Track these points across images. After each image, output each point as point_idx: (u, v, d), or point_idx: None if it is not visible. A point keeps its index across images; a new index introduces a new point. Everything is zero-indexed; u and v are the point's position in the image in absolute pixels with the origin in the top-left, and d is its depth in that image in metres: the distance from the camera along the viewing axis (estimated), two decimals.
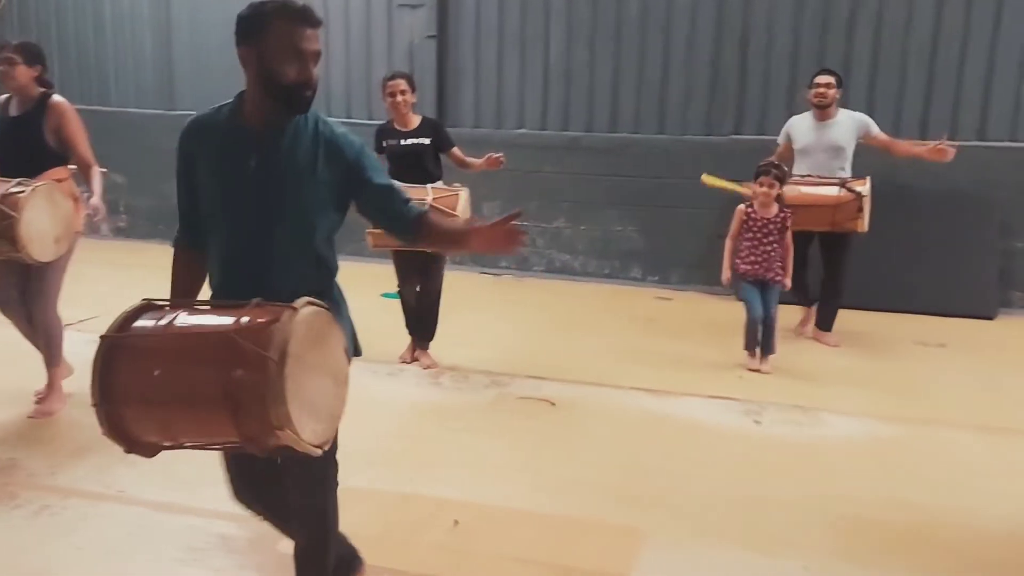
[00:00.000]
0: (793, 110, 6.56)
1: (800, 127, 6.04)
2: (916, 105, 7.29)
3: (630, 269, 8.05)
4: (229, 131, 2.38)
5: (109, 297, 3.74)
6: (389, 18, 8.41)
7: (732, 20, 7.57)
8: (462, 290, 7.50)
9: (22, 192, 3.97)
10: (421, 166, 5.17)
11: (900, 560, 3.22)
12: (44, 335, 4.37)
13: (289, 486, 2.51)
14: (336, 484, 2.58)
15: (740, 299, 5.58)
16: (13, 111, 4.27)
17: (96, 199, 4.29)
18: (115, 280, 6.89)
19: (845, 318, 6.16)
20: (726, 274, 5.48)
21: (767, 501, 3.64)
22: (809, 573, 3.11)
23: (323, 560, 2.59)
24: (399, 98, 5.13)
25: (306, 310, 2.16)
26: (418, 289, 5.39)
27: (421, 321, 5.45)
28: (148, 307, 2.28)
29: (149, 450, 2.21)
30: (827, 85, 5.90)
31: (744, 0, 7.51)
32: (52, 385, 4.43)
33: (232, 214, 2.38)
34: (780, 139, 6.20)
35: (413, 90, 5.24)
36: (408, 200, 2.53)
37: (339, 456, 2.55)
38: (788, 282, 5.43)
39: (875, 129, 5.97)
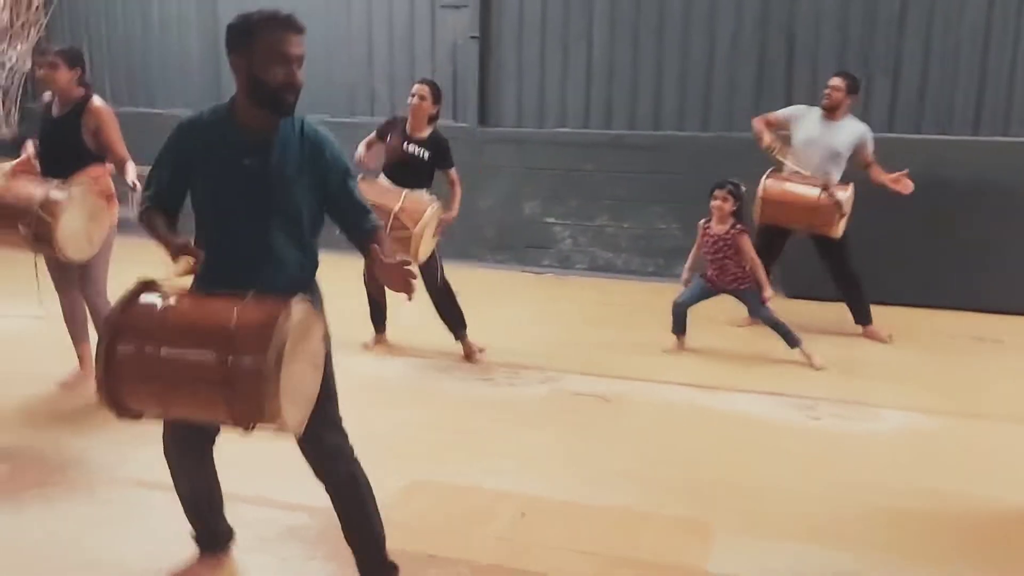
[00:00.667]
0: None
1: (808, 119, 6.05)
2: (969, 100, 7.19)
3: (674, 267, 7.96)
4: (223, 133, 2.53)
5: None
6: (432, 19, 8.45)
7: (778, 14, 7.51)
8: (505, 288, 7.56)
9: (61, 198, 4.18)
10: (412, 173, 5.22)
11: (952, 552, 3.21)
12: (95, 315, 4.51)
13: (313, 464, 2.69)
14: (352, 451, 2.72)
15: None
16: (55, 112, 4.49)
17: (138, 195, 4.43)
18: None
19: (891, 315, 6.13)
20: (685, 275, 5.68)
21: (827, 495, 3.63)
22: (860, 564, 3.10)
23: (370, 525, 2.74)
24: (415, 100, 5.20)
25: (299, 309, 2.33)
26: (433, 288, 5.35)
27: (442, 317, 5.39)
28: (148, 287, 2.46)
29: (136, 416, 2.44)
30: (835, 87, 5.93)
31: None
32: (82, 361, 4.63)
33: (226, 212, 2.55)
34: (781, 114, 6.20)
35: (436, 101, 5.29)
36: (369, 211, 2.68)
37: (404, 450, 2.64)
38: (767, 293, 5.42)
39: (869, 147, 5.99)
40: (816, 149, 5.92)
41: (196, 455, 2.78)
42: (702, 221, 5.63)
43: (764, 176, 5.94)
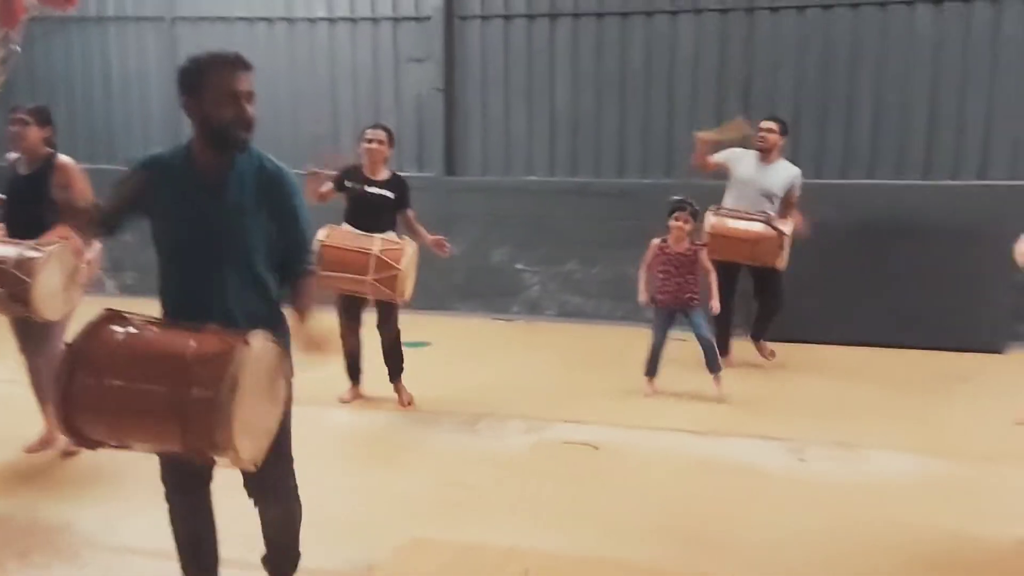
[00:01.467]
0: (796, 155, 6.84)
1: (744, 161, 6.43)
2: (919, 145, 7.49)
3: (644, 311, 8.10)
4: (183, 172, 2.62)
5: None
6: (396, 72, 8.56)
7: (734, 68, 7.78)
8: (476, 336, 7.57)
9: (37, 257, 4.15)
10: (378, 216, 5.30)
11: None
12: (49, 382, 4.40)
13: (256, 496, 2.79)
14: (295, 488, 2.87)
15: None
16: (22, 170, 4.45)
17: (92, 253, 4.54)
18: None
19: (858, 355, 6.28)
20: (642, 297, 5.82)
21: (828, 542, 3.67)
22: None
23: (292, 553, 2.95)
24: (374, 145, 5.29)
25: (257, 344, 2.39)
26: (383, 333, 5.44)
27: (389, 360, 5.49)
28: (113, 317, 2.51)
29: (94, 445, 2.49)
30: (768, 130, 6.35)
31: (745, 48, 7.73)
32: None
33: (186, 249, 2.62)
34: (721, 156, 6.52)
35: (391, 145, 5.40)
36: (308, 252, 2.80)
37: (400, 507, 2.66)
38: (715, 304, 5.71)
39: (797, 193, 6.37)
40: (752, 190, 6.30)
41: (185, 495, 2.80)
42: (656, 240, 5.84)
43: (709, 213, 6.24)
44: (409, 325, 5.54)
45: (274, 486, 2.77)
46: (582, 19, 8.09)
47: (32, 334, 4.41)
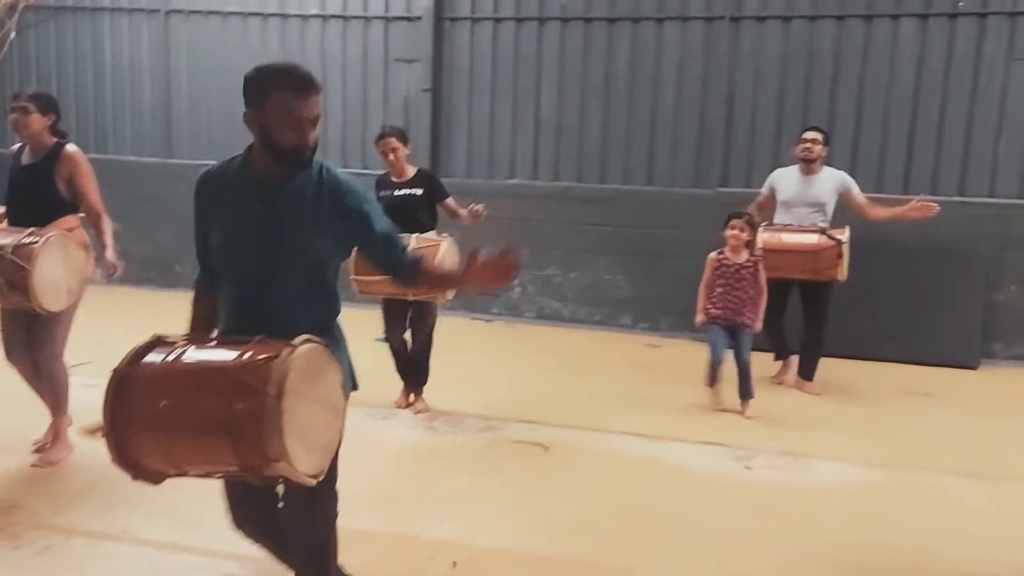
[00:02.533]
0: (778, 163, 6.78)
1: (785, 179, 6.20)
2: (898, 160, 7.52)
3: (620, 316, 8.17)
4: (239, 181, 2.52)
5: (104, 343, 3.81)
6: (385, 72, 8.63)
7: (718, 77, 7.82)
8: (453, 335, 7.55)
9: (35, 243, 4.00)
10: (413, 217, 5.27)
11: None
12: (50, 383, 4.34)
13: (289, 518, 2.60)
14: (336, 516, 2.66)
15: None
16: (26, 159, 4.31)
17: (111, 253, 4.29)
18: (111, 325, 6.92)
19: (829, 366, 6.29)
20: (699, 317, 5.66)
21: (759, 545, 3.70)
22: None
23: (329, 559, 2.67)
24: (391, 156, 5.33)
25: (304, 347, 2.28)
26: (408, 337, 5.48)
27: (413, 367, 5.53)
28: (158, 342, 2.40)
29: (155, 477, 2.32)
30: (813, 141, 6.07)
31: (730, 57, 7.77)
32: (57, 434, 4.40)
33: (242, 259, 2.51)
34: (764, 189, 6.35)
35: (405, 143, 5.42)
36: (405, 248, 2.68)
37: (341, 498, 2.61)
38: (759, 325, 5.58)
39: (856, 190, 6.12)
40: (801, 205, 6.05)
41: (253, 522, 2.67)
42: (714, 253, 5.65)
43: (759, 230, 5.89)
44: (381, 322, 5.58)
45: (310, 508, 2.56)
46: (570, 23, 8.15)
47: (36, 329, 4.25)
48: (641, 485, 4.35)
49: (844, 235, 5.85)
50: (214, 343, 2.43)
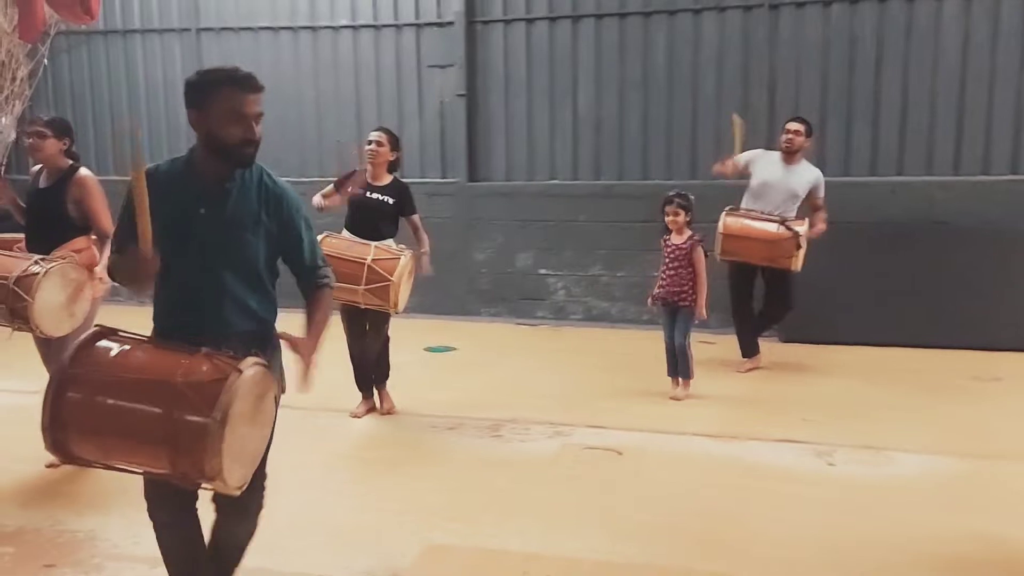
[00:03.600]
0: (824, 151, 6.70)
1: (767, 162, 6.32)
2: (948, 141, 7.36)
3: None
4: (183, 183, 2.61)
5: None
6: (419, 78, 8.57)
7: (759, 66, 7.70)
8: (501, 341, 7.55)
9: (37, 273, 4.14)
10: (375, 222, 5.22)
11: None
12: None
13: (223, 513, 2.76)
14: (261, 509, 2.82)
15: None
16: (42, 183, 4.45)
17: (100, 268, 4.35)
18: None
19: (900, 357, 6.17)
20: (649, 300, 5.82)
21: (856, 543, 3.61)
22: None
23: (248, 543, 2.87)
24: (373, 146, 5.24)
25: (250, 371, 2.37)
26: (366, 342, 5.35)
27: (375, 368, 5.41)
28: (102, 335, 2.51)
29: (83, 463, 2.52)
30: (796, 132, 6.22)
31: (770, 46, 7.65)
32: None
33: (184, 259, 2.58)
34: (742, 159, 6.38)
35: (393, 149, 5.33)
36: (322, 268, 2.77)
37: (423, 512, 2.70)
38: (701, 311, 5.57)
39: (822, 192, 6.26)
40: (775, 191, 6.19)
41: (172, 510, 2.73)
42: (664, 236, 5.77)
43: (723, 213, 6.17)
44: (434, 331, 5.57)
45: (247, 507, 2.73)
46: (604, 20, 8.05)
47: (51, 346, 4.34)
48: (723, 486, 4.26)
49: (803, 228, 6.01)
50: (160, 346, 2.52)
